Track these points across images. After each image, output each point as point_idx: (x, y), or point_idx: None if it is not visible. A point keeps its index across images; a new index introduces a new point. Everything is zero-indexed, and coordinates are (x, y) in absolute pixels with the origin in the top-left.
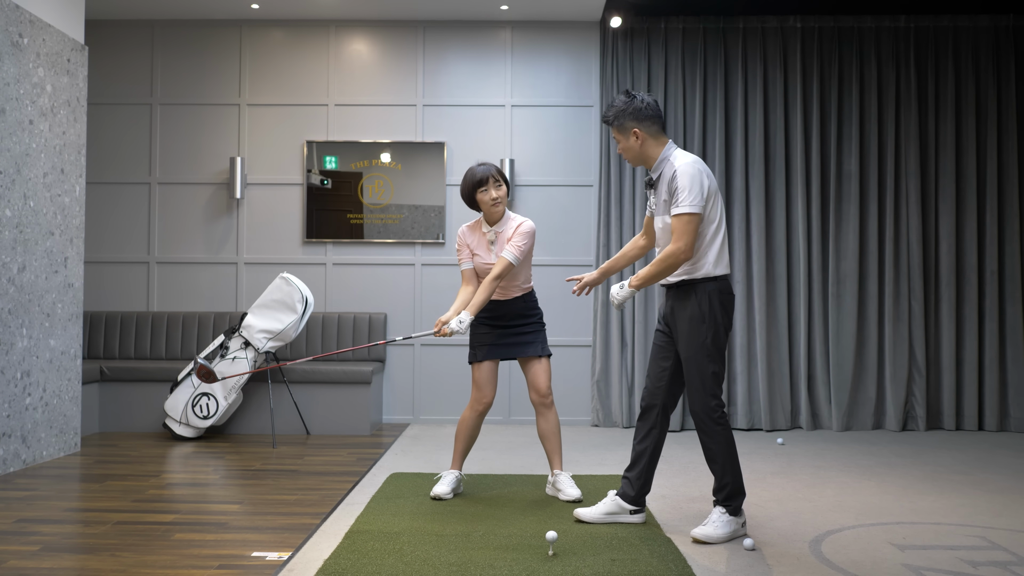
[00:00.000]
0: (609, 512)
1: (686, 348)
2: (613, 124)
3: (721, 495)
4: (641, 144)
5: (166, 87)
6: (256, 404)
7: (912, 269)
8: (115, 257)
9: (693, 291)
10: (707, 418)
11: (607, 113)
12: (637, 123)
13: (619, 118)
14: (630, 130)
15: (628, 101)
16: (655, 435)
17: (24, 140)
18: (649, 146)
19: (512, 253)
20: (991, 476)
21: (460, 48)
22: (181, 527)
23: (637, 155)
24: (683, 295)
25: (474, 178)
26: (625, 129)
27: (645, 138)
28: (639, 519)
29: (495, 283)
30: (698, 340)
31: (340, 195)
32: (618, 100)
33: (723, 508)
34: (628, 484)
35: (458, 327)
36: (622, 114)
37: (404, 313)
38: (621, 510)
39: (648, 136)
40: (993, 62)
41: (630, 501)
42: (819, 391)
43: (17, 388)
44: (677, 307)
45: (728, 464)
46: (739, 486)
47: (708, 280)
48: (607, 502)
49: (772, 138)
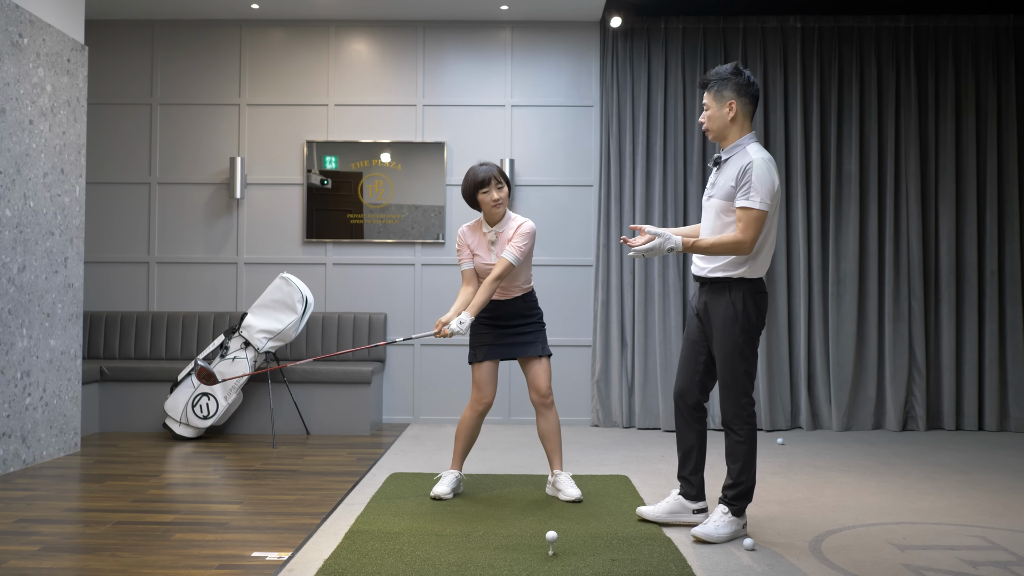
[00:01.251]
0: (672, 511)
1: (721, 346)
2: (711, 88)
3: (731, 493)
4: (732, 118)
5: (166, 87)
6: (256, 404)
7: (912, 269)
8: (115, 257)
9: (728, 289)
10: (737, 417)
11: (709, 75)
12: (736, 96)
13: (721, 84)
14: (727, 100)
15: (736, 72)
16: (697, 429)
17: (24, 140)
18: (736, 123)
19: (512, 254)
20: (991, 476)
21: (460, 48)
22: (181, 527)
23: (721, 127)
24: (718, 291)
25: (476, 178)
26: (723, 97)
27: (738, 114)
28: (702, 518)
29: (496, 284)
30: (732, 339)
31: (340, 195)
32: (724, 68)
33: (727, 508)
34: (687, 484)
35: (458, 328)
36: (725, 81)
37: (404, 313)
38: (684, 509)
39: (741, 114)
40: (993, 62)
41: (692, 499)
42: (819, 391)
43: (17, 388)
44: (712, 303)
45: (748, 464)
46: (750, 488)
47: (744, 280)
48: (671, 501)
49: (772, 138)
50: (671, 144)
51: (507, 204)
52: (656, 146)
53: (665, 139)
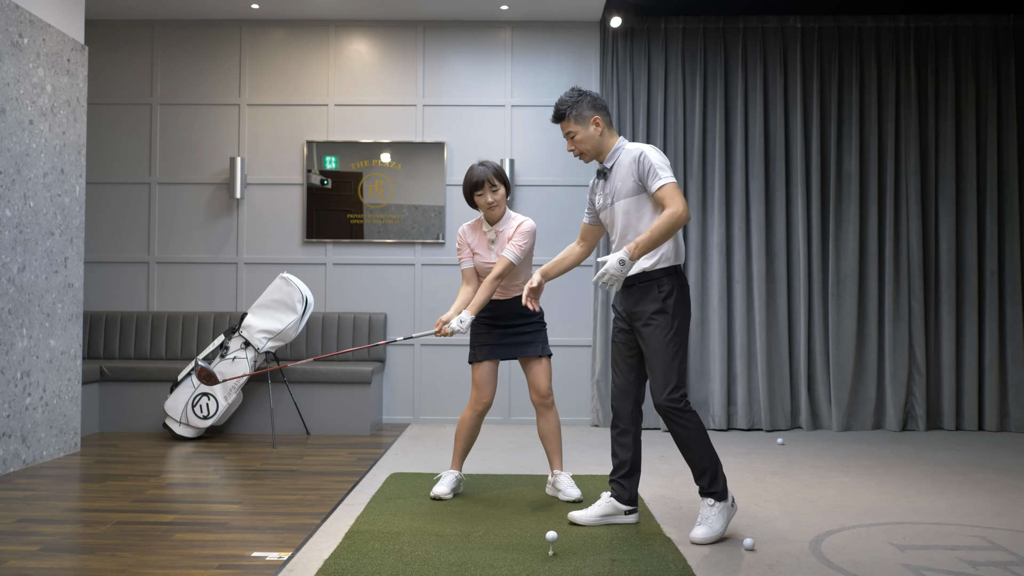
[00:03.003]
0: (605, 514)
1: (651, 342)
2: (570, 116)
3: (704, 481)
4: (601, 132)
5: (166, 87)
6: (256, 404)
7: (912, 269)
8: (115, 257)
9: (655, 284)
10: (675, 411)
11: (560, 107)
12: (595, 111)
13: (577, 107)
14: (590, 119)
15: (581, 93)
16: (634, 433)
17: (24, 140)
18: (607, 136)
19: (513, 252)
20: (991, 476)
21: (460, 48)
22: (181, 527)
23: (597, 144)
24: (643, 289)
25: (471, 180)
26: (584, 119)
27: (604, 127)
28: (633, 519)
29: (496, 282)
30: (663, 333)
31: (340, 195)
32: (568, 94)
33: (711, 498)
34: (620, 487)
35: (459, 327)
36: (579, 104)
37: (404, 313)
38: (616, 511)
39: (606, 126)
40: (993, 62)
41: (625, 502)
42: (819, 391)
43: (17, 388)
44: (640, 301)
45: (702, 448)
46: (717, 469)
47: (667, 271)
48: (602, 504)
49: (772, 138)
50: (671, 144)
51: (504, 205)
52: (656, 146)
53: (665, 139)
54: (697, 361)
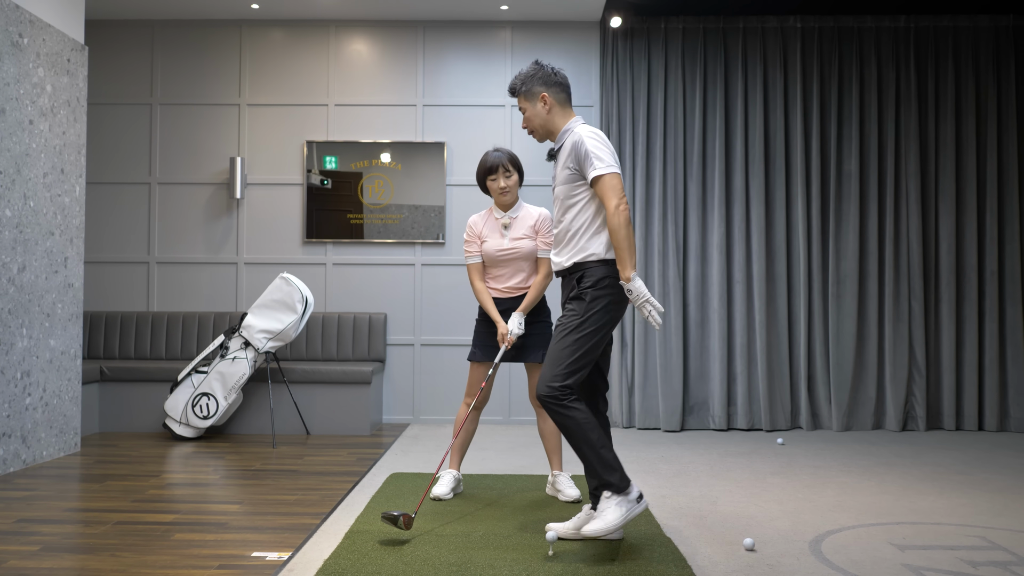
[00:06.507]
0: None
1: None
2: (521, 91)
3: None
4: (549, 111)
5: (166, 87)
6: (256, 404)
7: (912, 269)
8: (115, 257)
9: (587, 274)
10: (552, 398)
11: (513, 82)
12: (545, 88)
13: (527, 83)
14: (538, 95)
15: (537, 68)
16: (603, 426)
17: (24, 140)
18: (556, 115)
19: (547, 252)
20: (991, 476)
21: (460, 48)
22: (181, 527)
23: (544, 123)
24: (583, 279)
25: (485, 164)
26: (533, 95)
27: (553, 105)
28: None
29: (546, 281)
30: (573, 319)
31: (340, 195)
32: (525, 69)
33: (608, 490)
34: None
35: (518, 330)
36: (530, 79)
37: (404, 313)
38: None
39: (556, 104)
40: (993, 62)
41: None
42: (819, 391)
43: (17, 388)
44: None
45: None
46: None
47: (600, 263)
48: (582, 516)
49: (772, 138)
50: (671, 144)
51: (516, 192)
52: (656, 146)
53: (665, 139)
54: (697, 361)
